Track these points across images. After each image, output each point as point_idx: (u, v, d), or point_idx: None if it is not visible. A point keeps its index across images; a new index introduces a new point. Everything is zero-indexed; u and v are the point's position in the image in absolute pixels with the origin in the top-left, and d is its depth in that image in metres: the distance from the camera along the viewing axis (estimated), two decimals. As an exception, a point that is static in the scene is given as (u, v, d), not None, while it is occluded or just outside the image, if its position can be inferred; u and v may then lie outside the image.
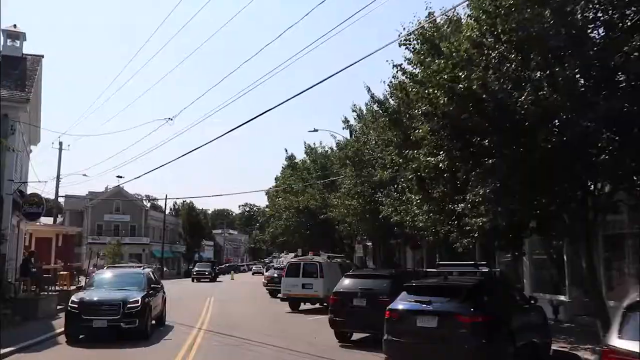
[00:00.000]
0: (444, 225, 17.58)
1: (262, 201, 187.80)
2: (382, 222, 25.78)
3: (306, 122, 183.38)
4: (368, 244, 33.73)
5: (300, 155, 39.69)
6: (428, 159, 15.00)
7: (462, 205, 14.30)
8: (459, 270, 12.64)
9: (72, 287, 24.62)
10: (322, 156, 36.49)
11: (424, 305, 10.42)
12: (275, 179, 50.04)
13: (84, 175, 42.62)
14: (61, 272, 24.36)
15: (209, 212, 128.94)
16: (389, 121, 21.38)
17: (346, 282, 15.35)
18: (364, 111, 29.21)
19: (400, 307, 10.85)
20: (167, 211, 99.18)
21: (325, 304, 23.34)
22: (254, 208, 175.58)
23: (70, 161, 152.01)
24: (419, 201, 18.83)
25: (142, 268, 18.86)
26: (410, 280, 12.06)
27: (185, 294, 36.34)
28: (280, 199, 37.74)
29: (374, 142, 26.73)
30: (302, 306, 25.16)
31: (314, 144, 37.44)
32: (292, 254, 77.29)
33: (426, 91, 13.89)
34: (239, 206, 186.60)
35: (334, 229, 35.54)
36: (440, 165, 14.53)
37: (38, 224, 25.55)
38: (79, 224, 75.59)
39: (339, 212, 28.02)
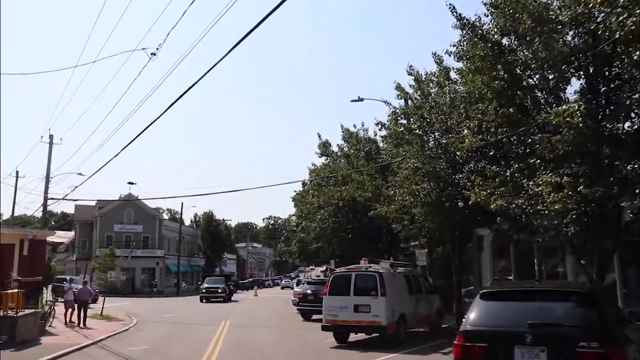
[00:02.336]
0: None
1: (286, 211, 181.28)
2: (465, 213, 17.93)
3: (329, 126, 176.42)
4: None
5: (336, 144, 31.54)
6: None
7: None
8: None
9: (23, 312, 17.21)
10: (367, 141, 28.61)
11: None
12: (307, 177, 41.29)
13: (80, 174, 34.70)
14: (6, 291, 16.95)
15: (232, 224, 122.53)
16: (492, 50, 13.63)
17: (490, 309, 7.25)
18: (423, 75, 21.47)
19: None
20: (187, 223, 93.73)
21: (388, 335, 15.60)
22: (279, 221, 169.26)
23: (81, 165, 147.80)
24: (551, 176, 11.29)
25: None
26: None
27: (192, 316, 28.74)
28: (314, 196, 29.95)
29: (446, 100, 19.03)
30: (352, 336, 17.34)
31: (355, 126, 29.59)
32: (322, 268, 70.00)
33: None
34: (263, 219, 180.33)
35: (384, 230, 27.53)
36: None
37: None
38: (89, 236, 69.10)
39: (399, 204, 19.95)
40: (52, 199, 35.64)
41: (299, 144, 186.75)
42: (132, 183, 78.45)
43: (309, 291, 26.47)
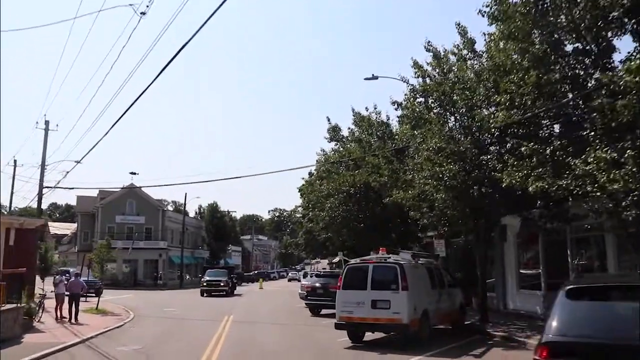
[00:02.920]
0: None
1: (292, 204, 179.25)
2: (493, 199, 16.07)
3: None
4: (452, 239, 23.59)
5: (347, 127, 29.39)
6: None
7: None
8: None
9: (4, 307, 15.49)
10: (380, 125, 26.53)
11: None
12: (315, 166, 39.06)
13: (77, 162, 32.93)
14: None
15: (237, 217, 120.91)
16: (535, 4, 11.74)
17: (582, 313, 5.21)
18: (442, 51, 19.54)
19: None
20: (192, 215, 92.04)
21: (409, 334, 13.87)
22: (284, 213, 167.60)
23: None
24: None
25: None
26: None
27: (193, 311, 27.05)
28: (322, 184, 27.94)
29: (471, 75, 17.16)
30: (369, 335, 15.55)
31: (367, 109, 27.54)
32: (328, 260, 68.08)
33: None
34: (269, 211, 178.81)
35: (397, 220, 25.67)
36: None
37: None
38: (91, 227, 67.54)
39: (419, 189, 17.97)
40: (47, 187, 34.11)
41: (300, 138, 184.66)
42: (135, 173, 76.66)
43: (317, 284, 24.69)
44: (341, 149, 27.90)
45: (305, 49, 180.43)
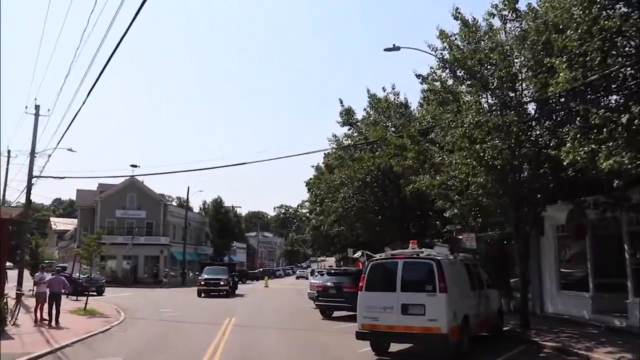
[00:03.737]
0: None
1: (298, 200, 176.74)
2: (545, 181, 13.44)
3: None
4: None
5: (362, 108, 26.44)
6: None
7: None
8: None
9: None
10: (398, 106, 23.73)
11: None
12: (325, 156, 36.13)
13: (70, 150, 30.57)
14: None
15: (242, 213, 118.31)
16: None
17: None
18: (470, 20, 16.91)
19: None
20: (196, 211, 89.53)
21: (449, 346, 11.29)
22: (290, 210, 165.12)
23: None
24: None
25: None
26: None
27: (191, 312, 24.51)
28: (332, 172, 25.26)
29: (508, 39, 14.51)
30: (394, 345, 12.95)
31: (384, 89, 24.71)
32: (334, 258, 65.39)
33: None
34: (274, 208, 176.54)
35: (417, 212, 23.10)
36: None
37: None
38: (92, 222, 65.12)
39: (452, 172, 15.20)
40: (36, 176, 31.74)
41: (300, 139, 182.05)
42: (135, 166, 73.74)
43: (329, 283, 22.10)
44: (355, 133, 25.20)
45: (305, 49, 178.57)
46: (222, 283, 35.34)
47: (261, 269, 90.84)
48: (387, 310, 11.68)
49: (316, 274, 38.37)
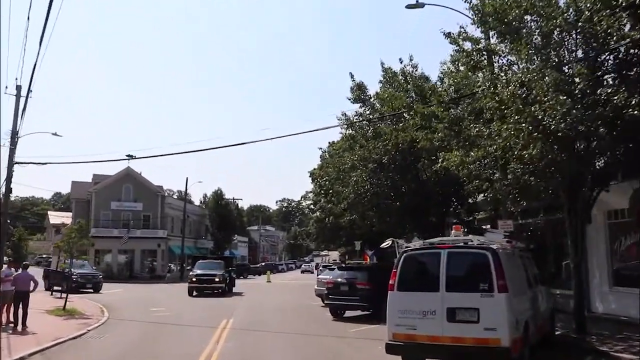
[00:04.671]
0: None
1: (300, 194, 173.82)
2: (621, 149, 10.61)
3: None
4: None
5: (377, 81, 23.44)
6: None
7: None
8: None
9: None
10: (417, 79, 20.75)
11: None
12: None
13: (55, 134, 27.83)
14: None
15: (244, 207, 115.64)
16: None
17: None
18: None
19: None
20: (197, 204, 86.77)
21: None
22: (292, 203, 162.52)
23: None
24: None
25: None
26: None
27: (185, 312, 21.71)
28: (345, 151, 22.38)
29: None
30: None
31: (401, 60, 21.68)
32: (338, 252, 62.33)
33: None
34: (276, 202, 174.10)
35: (439, 198, 20.33)
36: None
37: None
38: (87, 215, 62.42)
39: (496, 143, 12.29)
40: (18, 163, 29.02)
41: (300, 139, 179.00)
42: (131, 156, 70.83)
43: (341, 279, 19.33)
44: (368, 111, 22.34)
45: (305, 49, 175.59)
46: (216, 280, 30.85)
47: (263, 263, 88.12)
48: (428, 316, 8.90)
49: (321, 267, 35.75)
